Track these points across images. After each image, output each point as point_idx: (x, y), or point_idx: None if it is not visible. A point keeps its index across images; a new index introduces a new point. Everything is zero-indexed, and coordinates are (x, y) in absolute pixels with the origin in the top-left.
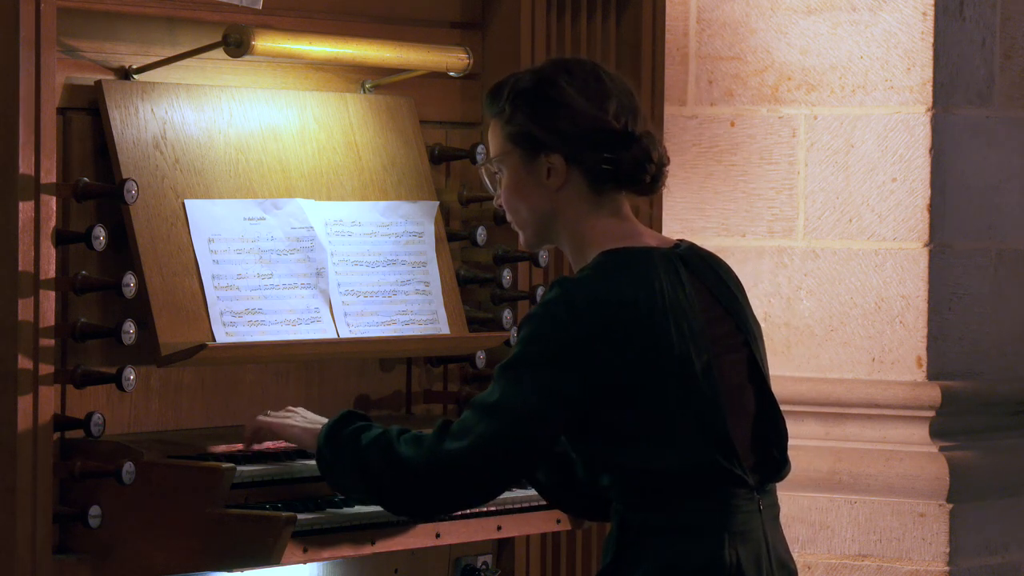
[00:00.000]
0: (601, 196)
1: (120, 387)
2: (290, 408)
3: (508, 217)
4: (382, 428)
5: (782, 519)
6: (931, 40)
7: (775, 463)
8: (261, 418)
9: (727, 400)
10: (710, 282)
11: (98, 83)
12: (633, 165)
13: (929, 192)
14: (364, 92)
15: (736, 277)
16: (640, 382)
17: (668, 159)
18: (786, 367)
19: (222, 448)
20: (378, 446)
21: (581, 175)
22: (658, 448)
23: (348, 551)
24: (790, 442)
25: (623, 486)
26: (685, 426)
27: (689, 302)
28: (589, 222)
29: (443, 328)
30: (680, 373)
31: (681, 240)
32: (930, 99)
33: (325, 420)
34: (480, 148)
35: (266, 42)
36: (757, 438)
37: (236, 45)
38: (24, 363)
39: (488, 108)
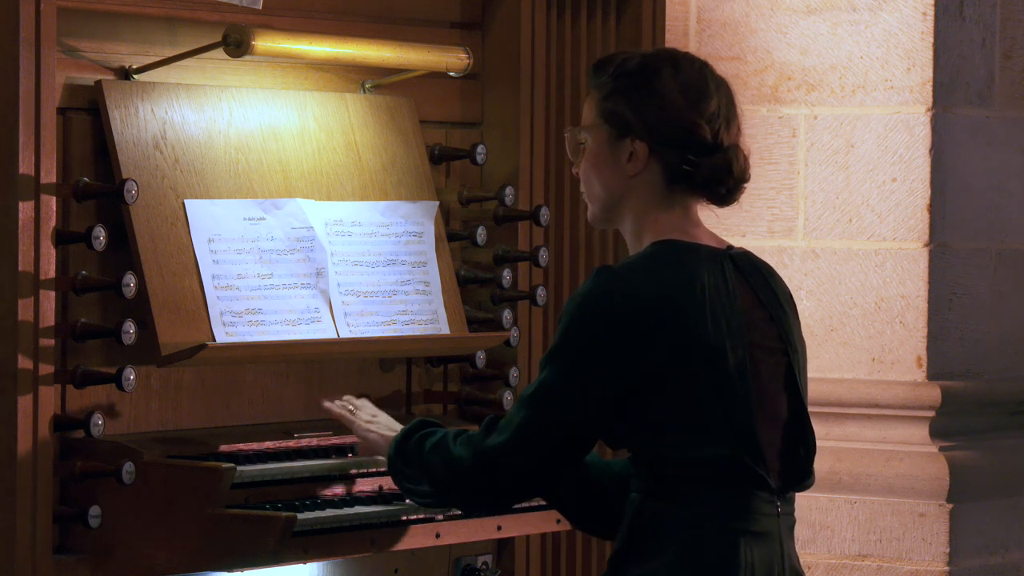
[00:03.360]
0: (673, 194)
1: (120, 387)
2: (376, 412)
3: (581, 188)
4: (444, 432)
5: None
6: (931, 40)
7: (800, 472)
8: (346, 413)
9: (759, 401)
10: (758, 287)
11: (98, 83)
12: (711, 173)
13: (929, 192)
14: (364, 92)
15: (788, 292)
16: (672, 373)
17: (749, 176)
18: None
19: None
20: (437, 451)
21: (659, 168)
22: (684, 438)
23: (348, 551)
24: None
25: (644, 473)
26: (713, 419)
27: (731, 299)
28: (653, 215)
29: (443, 328)
30: (712, 366)
31: (740, 247)
32: (930, 99)
33: (401, 427)
34: (480, 148)
35: (266, 42)
36: (787, 444)
37: (236, 45)
38: (24, 363)
39: (591, 79)
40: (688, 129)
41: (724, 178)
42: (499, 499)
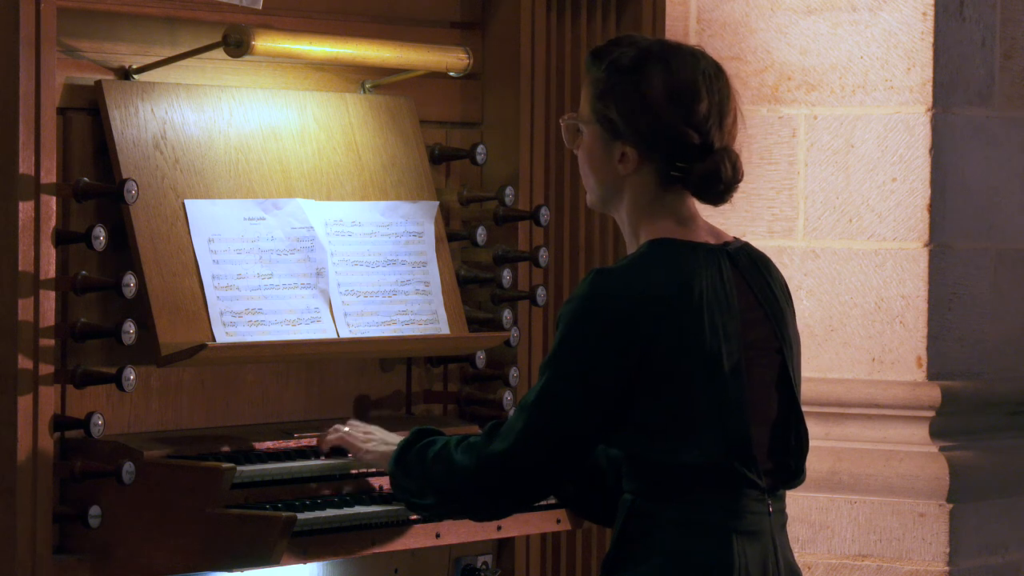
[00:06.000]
0: (668, 193)
1: (120, 387)
2: (369, 428)
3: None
4: (445, 440)
5: None
6: (931, 40)
7: (790, 471)
8: (344, 434)
9: (752, 403)
10: (755, 283)
11: (98, 83)
12: (700, 179)
13: (929, 192)
14: (364, 92)
15: (784, 284)
16: (667, 376)
17: (741, 176)
18: None
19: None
20: (440, 460)
21: (652, 171)
22: (678, 442)
23: (348, 551)
24: None
25: (636, 475)
26: (707, 423)
27: (728, 300)
28: (648, 212)
29: (443, 328)
30: (708, 370)
31: (737, 239)
32: (930, 99)
33: (396, 439)
34: (480, 148)
35: (266, 42)
36: (776, 443)
37: (236, 45)
38: (24, 363)
39: (589, 66)
40: (676, 137)
41: (714, 183)
42: (505, 505)
